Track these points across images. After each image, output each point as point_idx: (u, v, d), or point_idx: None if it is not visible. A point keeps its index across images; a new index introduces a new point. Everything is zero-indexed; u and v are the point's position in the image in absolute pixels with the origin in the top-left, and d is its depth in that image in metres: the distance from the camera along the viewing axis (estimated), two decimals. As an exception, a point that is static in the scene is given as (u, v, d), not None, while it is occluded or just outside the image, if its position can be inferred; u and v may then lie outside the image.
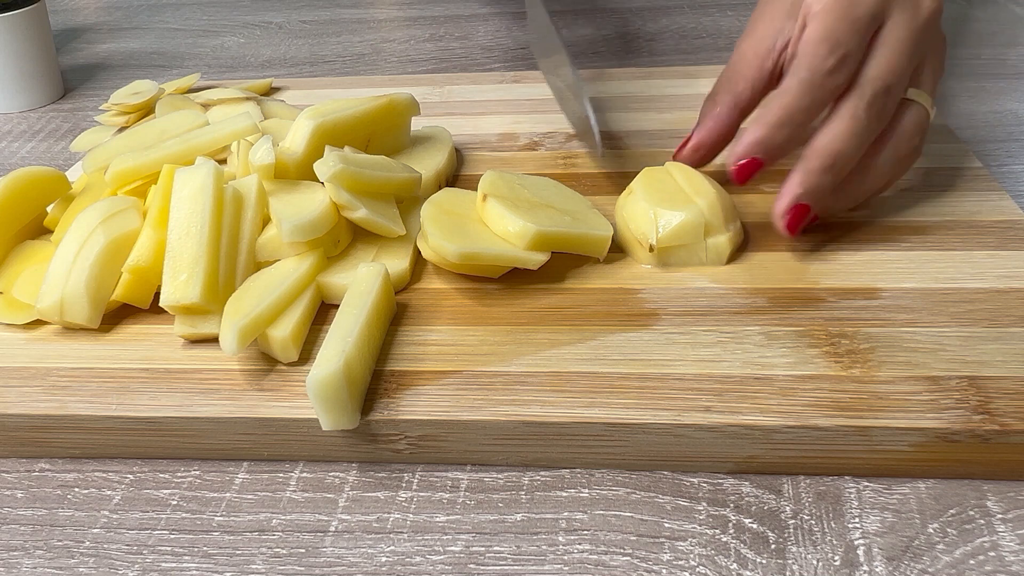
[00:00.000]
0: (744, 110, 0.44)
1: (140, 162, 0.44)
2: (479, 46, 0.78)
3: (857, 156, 0.40)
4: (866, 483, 0.33)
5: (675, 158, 0.45)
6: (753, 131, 0.40)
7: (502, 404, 0.34)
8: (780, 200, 0.40)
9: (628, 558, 0.30)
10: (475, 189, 0.42)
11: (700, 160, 0.45)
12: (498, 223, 0.40)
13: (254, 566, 0.31)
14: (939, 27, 0.41)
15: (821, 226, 0.43)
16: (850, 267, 0.40)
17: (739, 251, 0.42)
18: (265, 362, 0.37)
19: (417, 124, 0.51)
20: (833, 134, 0.39)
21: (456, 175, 0.51)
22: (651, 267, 0.41)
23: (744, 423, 0.32)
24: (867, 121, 0.39)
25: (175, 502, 0.34)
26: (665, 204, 0.40)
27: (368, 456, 0.35)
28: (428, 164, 0.48)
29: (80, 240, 0.39)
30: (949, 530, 0.31)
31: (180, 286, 0.37)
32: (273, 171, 0.41)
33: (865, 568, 0.29)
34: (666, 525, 0.32)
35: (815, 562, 0.30)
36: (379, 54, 0.78)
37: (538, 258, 0.39)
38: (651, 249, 0.40)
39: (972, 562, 0.29)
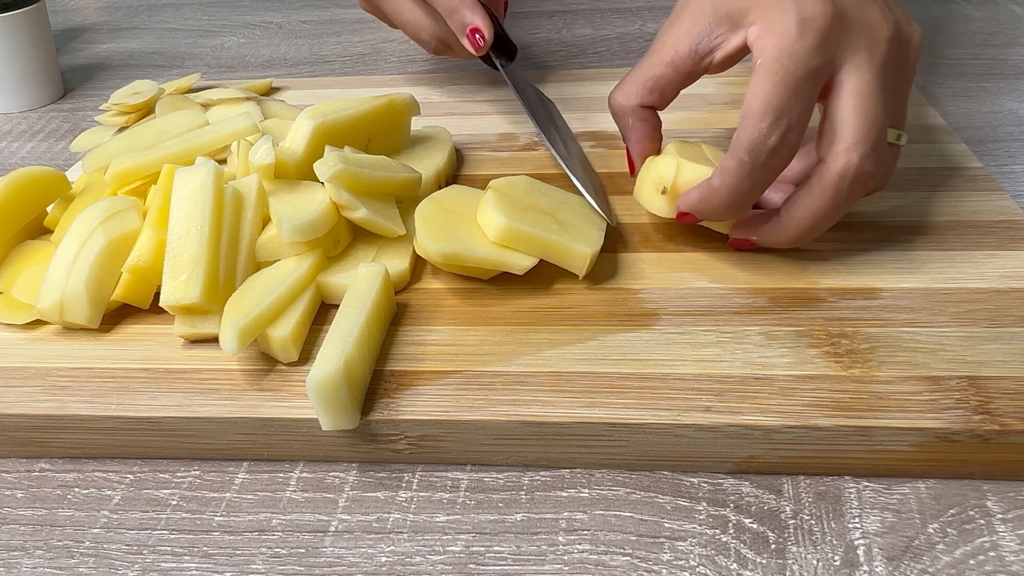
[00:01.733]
0: (657, 106, 0.42)
1: (140, 162, 0.44)
2: (479, 46, 0.78)
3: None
4: (866, 483, 0.33)
5: (633, 175, 0.43)
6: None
7: (502, 404, 0.34)
8: (684, 198, 0.39)
9: (628, 558, 0.30)
10: (479, 188, 0.42)
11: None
12: (480, 214, 0.40)
13: (254, 566, 0.31)
14: (903, 42, 0.38)
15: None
16: (850, 267, 0.40)
17: (739, 251, 0.42)
18: (265, 362, 0.37)
19: (417, 124, 0.51)
20: (802, 210, 0.38)
21: (456, 175, 0.51)
22: (662, 214, 0.41)
23: (744, 423, 0.32)
24: (848, 198, 0.37)
25: (175, 502, 0.34)
26: (692, 160, 0.41)
27: (368, 456, 0.35)
28: (428, 164, 0.48)
29: (80, 240, 0.39)
30: (949, 530, 0.31)
31: (180, 286, 0.37)
32: (273, 171, 0.41)
33: (865, 568, 0.29)
34: (666, 525, 0.32)
35: (815, 562, 0.30)
36: (379, 54, 0.78)
37: (523, 262, 0.39)
38: (664, 191, 0.40)
39: (972, 562, 0.29)
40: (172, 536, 0.33)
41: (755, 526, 0.31)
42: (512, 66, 0.55)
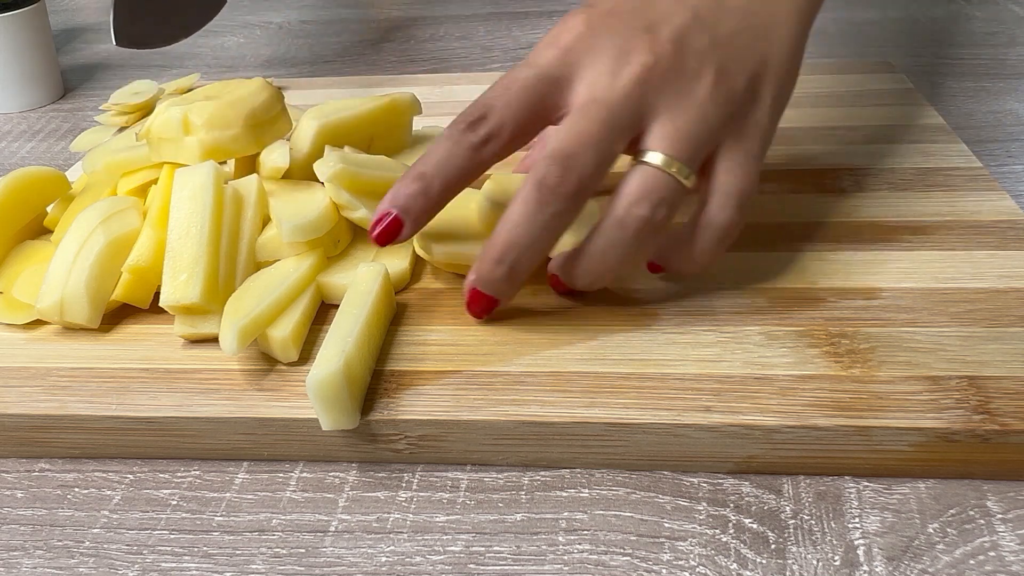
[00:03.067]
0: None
1: (136, 155, 0.44)
2: (479, 46, 0.78)
3: (536, 244, 0.35)
4: (866, 483, 0.33)
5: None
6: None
7: (502, 404, 0.34)
8: (466, 279, 0.37)
9: (628, 558, 0.30)
10: (479, 188, 0.42)
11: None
12: (478, 212, 0.40)
13: (254, 566, 0.31)
14: (683, 64, 0.35)
15: (820, 226, 0.43)
16: (850, 267, 0.40)
17: (739, 251, 0.42)
18: (265, 362, 0.37)
19: (417, 124, 0.51)
20: (503, 221, 0.35)
21: (456, 175, 0.51)
22: None
23: (744, 423, 0.32)
24: (538, 202, 0.34)
25: (175, 502, 0.34)
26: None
27: (368, 456, 0.35)
28: (428, 164, 0.48)
29: (80, 240, 0.39)
30: (949, 530, 0.31)
31: (180, 286, 0.37)
32: (282, 173, 0.42)
33: (865, 568, 0.29)
34: (666, 525, 0.32)
35: (815, 562, 0.30)
36: (379, 54, 0.78)
37: None
38: None
39: (972, 562, 0.29)
40: (172, 536, 0.33)
41: (755, 526, 0.31)
42: None
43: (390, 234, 0.36)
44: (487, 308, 0.37)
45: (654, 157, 0.34)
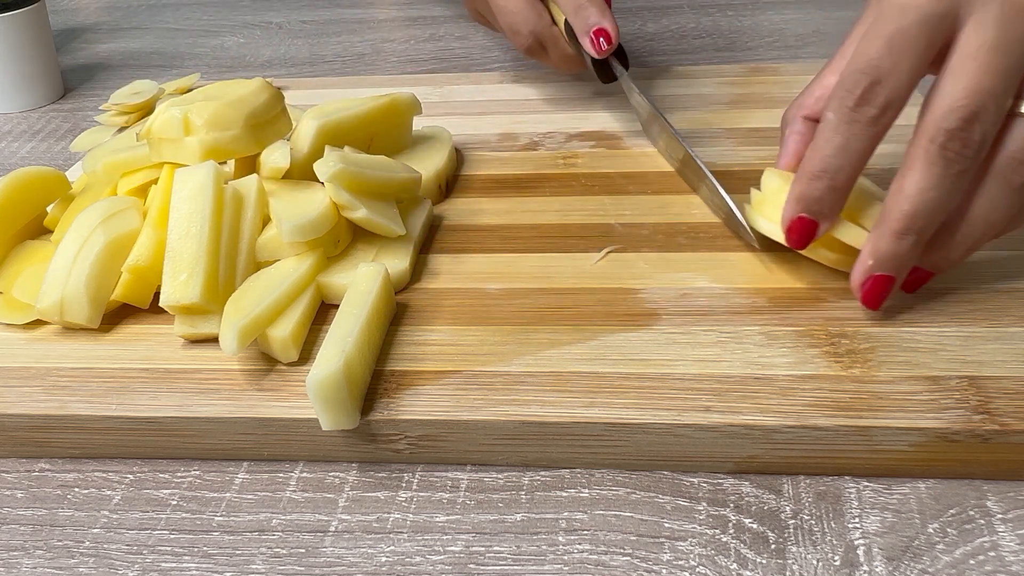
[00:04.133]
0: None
1: (135, 155, 0.44)
2: (479, 46, 0.78)
3: (942, 208, 0.33)
4: (866, 483, 0.33)
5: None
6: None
7: (502, 404, 0.34)
8: (854, 271, 0.36)
9: (628, 558, 0.30)
10: (477, 188, 0.42)
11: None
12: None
13: (254, 566, 0.31)
14: None
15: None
16: (850, 267, 0.40)
17: (739, 251, 0.42)
18: (265, 362, 0.37)
19: (417, 124, 0.51)
20: (905, 191, 0.33)
21: (456, 175, 0.51)
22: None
23: (744, 423, 0.32)
24: (944, 166, 0.32)
25: (175, 502, 0.34)
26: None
27: (368, 456, 0.35)
28: (428, 164, 0.48)
29: (80, 240, 0.39)
30: (949, 530, 0.31)
31: (180, 286, 0.37)
32: (282, 173, 0.42)
33: (865, 568, 0.29)
34: (666, 525, 0.32)
35: (815, 562, 0.30)
36: (379, 54, 0.78)
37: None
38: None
39: (972, 562, 0.29)
40: (172, 536, 0.33)
41: (755, 526, 0.31)
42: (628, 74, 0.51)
43: (808, 237, 0.36)
44: (887, 291, 0.35)
45: None
